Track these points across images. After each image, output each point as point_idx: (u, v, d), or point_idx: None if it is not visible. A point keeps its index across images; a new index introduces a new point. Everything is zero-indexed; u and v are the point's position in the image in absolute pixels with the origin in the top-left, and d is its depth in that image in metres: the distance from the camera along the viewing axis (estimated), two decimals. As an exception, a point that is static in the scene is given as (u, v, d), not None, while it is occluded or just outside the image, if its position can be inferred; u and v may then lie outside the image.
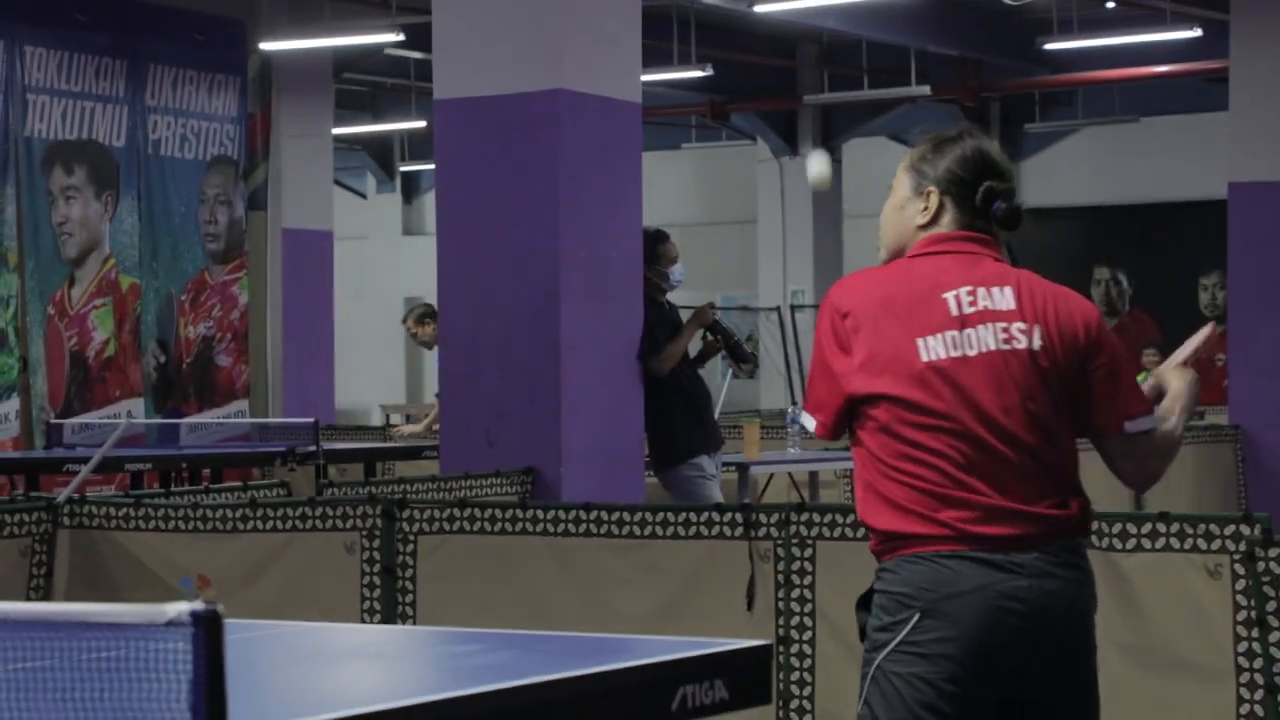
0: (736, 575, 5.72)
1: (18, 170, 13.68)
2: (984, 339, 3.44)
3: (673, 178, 22.72)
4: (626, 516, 5.93)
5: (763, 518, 5.74)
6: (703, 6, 16.21)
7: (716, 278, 22.51)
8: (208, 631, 2.05)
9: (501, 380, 7.59)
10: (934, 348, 3.42)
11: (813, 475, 10.13)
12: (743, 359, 8.57)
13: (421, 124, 19.89)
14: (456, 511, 6.11)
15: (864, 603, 3.58)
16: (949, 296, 3.47)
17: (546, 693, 2.52)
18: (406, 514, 6.14)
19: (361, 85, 20.57)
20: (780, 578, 5.68)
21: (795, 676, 5.64)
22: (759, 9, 14.66)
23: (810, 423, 3.59)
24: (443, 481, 7.25)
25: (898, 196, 3.63)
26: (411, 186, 25.45)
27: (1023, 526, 3.38)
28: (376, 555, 6.13)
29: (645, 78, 8.42)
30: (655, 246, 8.18)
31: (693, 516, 5.86)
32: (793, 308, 20.72)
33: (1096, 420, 3.52)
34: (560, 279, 7.53)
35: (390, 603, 6.09)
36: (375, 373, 24.18)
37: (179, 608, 2.06)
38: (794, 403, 18.44)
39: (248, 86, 15.38)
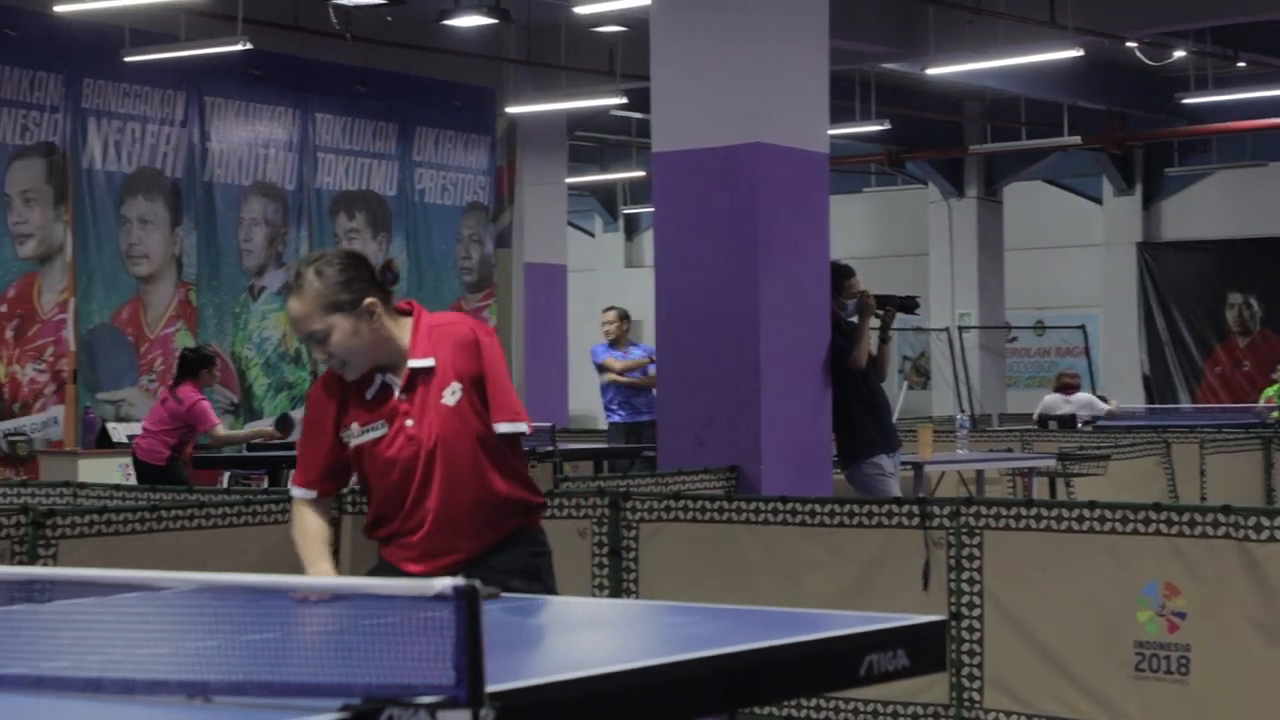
0: (913, 559, 5.65)
1: (309, 216, 14.04)
2: None
3: (855, 217, 22.56)
4: (817, 508, 5.89)
5: (936, 510, 5.66)
6: (882, 70, 16.08)
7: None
8: (467, 603, 2.07)
9: (709, 391, 7.59)
10: None
11: (979, 473, 9.95)
12: (913, 307, 8.45)
13: (641, 173, 19.99)
14: (672, 502, 6.12)
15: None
16: None
17: (753, 658, 2.51)
18: (630, 505, 6.16)
19: (591, 141, 20.75)
20: (952, 562, 5.59)
21: (966, 648, 5.55)
22: (931, 72, 14.50)
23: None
24: (660, 477, 7.26)
25: (346, 330, 3.44)
26: (632, 226, 25.58)
27: None
28: (605, 540, 6.16)
29: (832, 131, 8.36)
30: (843, 279, 8.10)
31: (875, 508, 5.80)
32: (960, 329, 20.45)
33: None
34: (759, 304, 7.51)
35: (617, 580, 6.11)
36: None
37: (444, 583, 2.09)
38: (962, 410, 18.18)
39: (496, 143, 15.59)
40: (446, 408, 3.46)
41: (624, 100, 14.31)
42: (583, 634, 3.10)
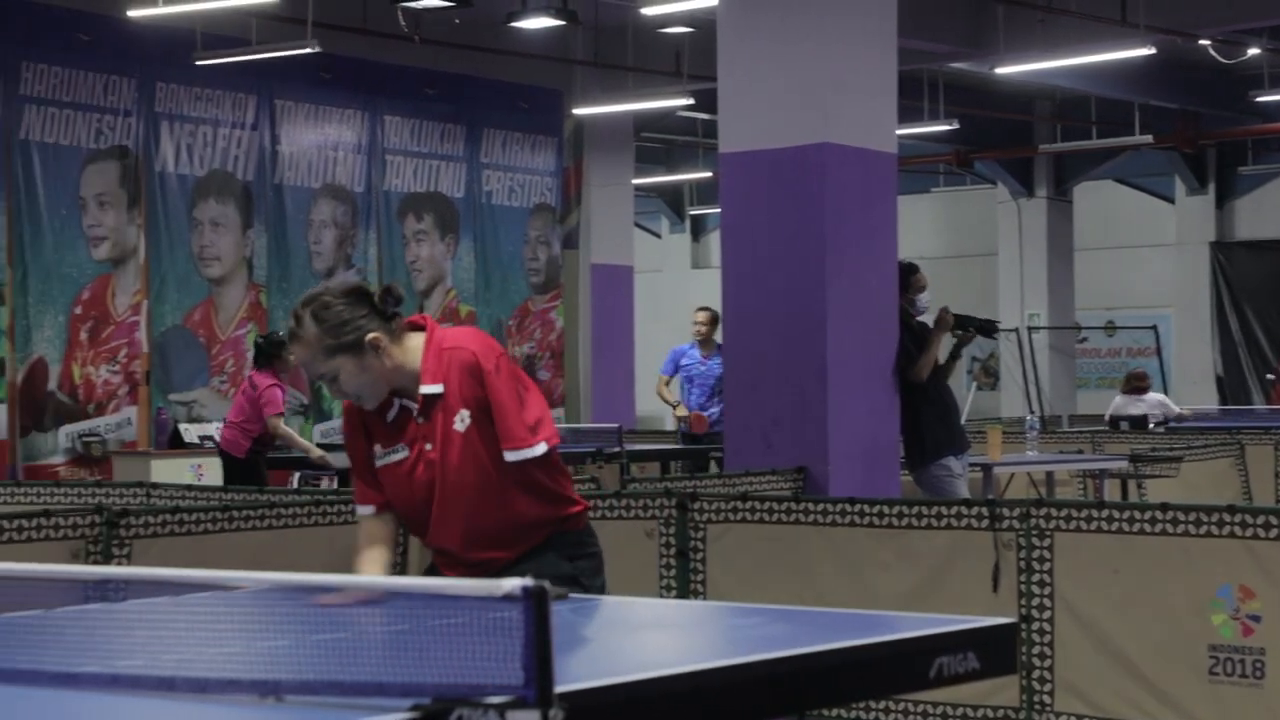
0: (982, 561, 5.61)
1: (378, 218, 14.13)
2: None
3: (923, 217, 22.43)
4: (885, 509, 5.86)
5: (1006, 511, 5.62)
6: (950, 70, 15.98)
7: (961, 304, 22.09)
8: (536, 603, 2.07)
9: (777, 391, 7.57)
10: None
11: (1049, 475, 9.88)
12: (993, 331, 8.37)
13: (708, 174, 19.97)
14: (739, 503, 6.11)
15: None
16: None
17: (822, 660, 2.50)
18: (697, 505, 6.15)
19: (657, 142, 20.75)
20: (1022, 564, 5.55)
21: (1036, 650, 5.51)
22: (1000, 71, 14.40)
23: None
24: (727, 478, 7.24)
25: (352, 368, 3.43)
26: (699, 227, 25.56)
27: None
28: (672, 540, 6.16)
29: (900, 131, 8.32)
30: (908, 277, 8.06)
31: (944, 510, 5.76)
32: (1029, 329, 20.30)
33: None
34: (826, 304, 7.48)
35: (684, 581, 6.11)
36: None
37: (513, 583, 2.09)
38: (1031, 411, 18.04)
39: (563, 145, 15.63)
40: (458, 434, 3.45)
41: (691, 101, 14.31)
42: (650, 635, 3.10)
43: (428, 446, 3.47)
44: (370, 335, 3.43)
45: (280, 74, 13.07)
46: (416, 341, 3.50)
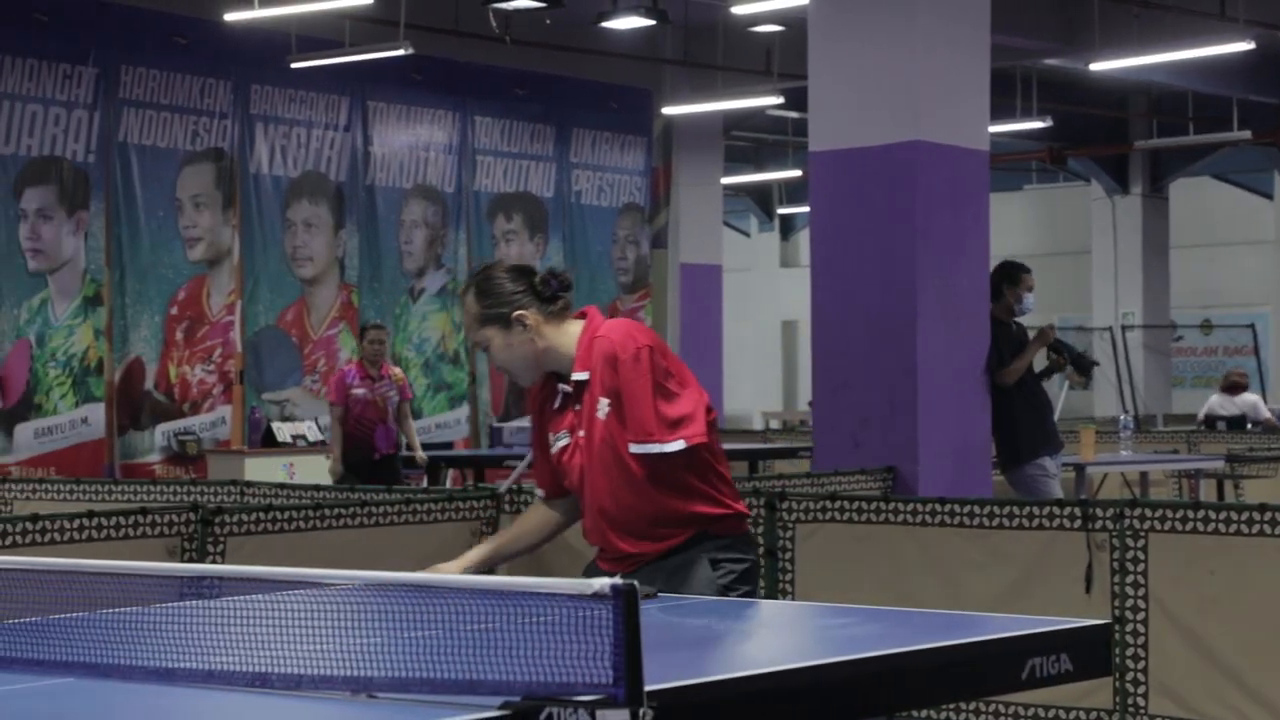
0: (1075, 562, 5.55)
1: (468, 218, 14.22)
2: None
3: (1015, 215, 22.23)
4: (977, 509, 5.81)
5: (1099, 512, 5.56)
6: (1043, 66, 15.82)
7: (1054, 302, 21.88)
8: (626, 602, 2.08)
9: (866, 391, 7.53)
10: None
11: (1143, 475, 9.75)
12: (1086, 370, 8.29)
13: (797, 173, 19.91)
14: (828, 503, 6.09)
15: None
16: None
17: (913, 660, 2.48)
18: (786, 505, 6.14)
19: (746, 141, 20.72)
20: (1115, 565, 5.49)
21: (1130, 652, 5.44)
22: (1095, 67, 14.23)
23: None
24: (815, 477, 7.22)
25: (500, 344, 3.55)
26: (788, 226, 25.50)
27: None
28: (760, 540, 6.14)
29: (992, 129, 8.26)
30: (1017, 275, 7.97)
31: (1035, 510, 5.71)
32: (1123, 328, 20.06)
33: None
34: (917, 304, 7.44)
35: (772, 581, 6.10)
36: (756, 384, 24.29)
37: (603, 582, 2.10)
38: (1125, 410, 17.82)
39: (653, 145, 15.64)
40: (600, 422, 3.50)
41: (781, 100, 14.27)
42: (740, 635, 3.09)
43: (580, 433, 3.55)
44: (519, 312, 3.55)
45: (372, 76, 13.19)
46: (575, 328, 3.58)
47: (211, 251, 12.48)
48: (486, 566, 3.67)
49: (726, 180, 17.85)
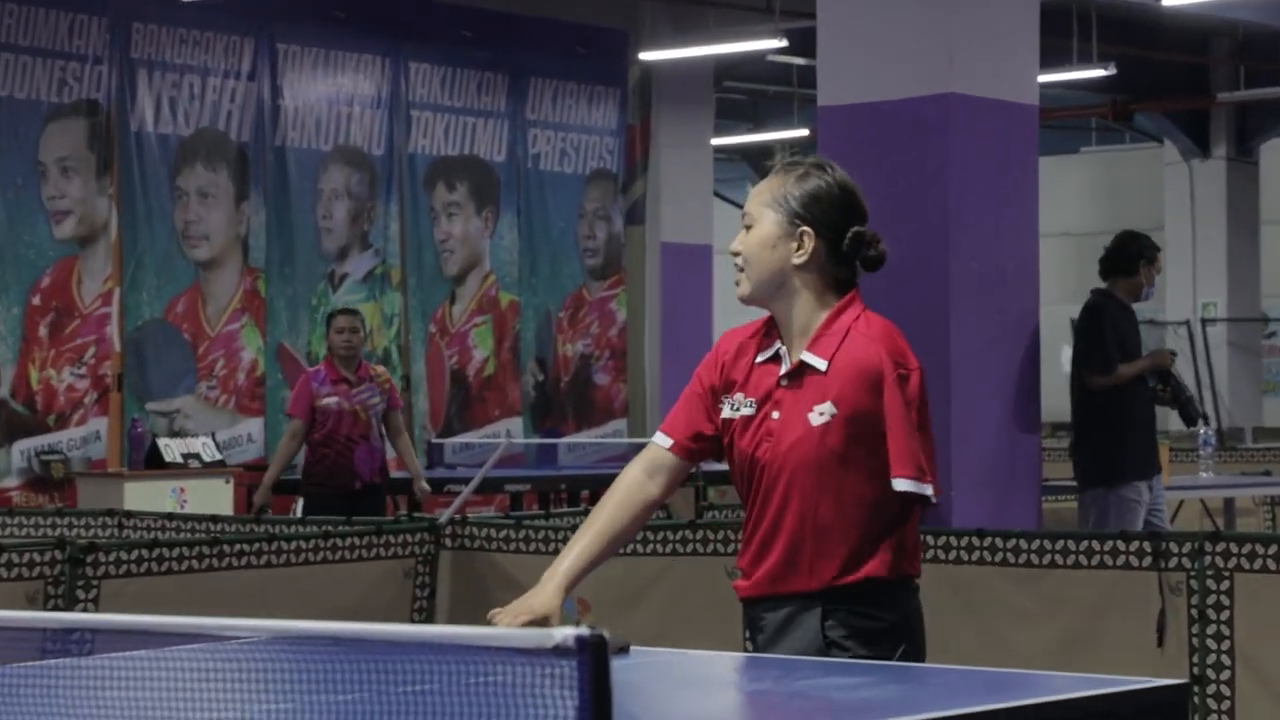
0: (1145, 609, 5.58)
1: (401, 187, 14.21)
2: None
3: (1071, 184, 22.29)
4: (1023, 544, 5.83)
5: (1174, 547, 5.59)
6: (1105, 1, 15.88)
7: (1119, 290, 21.98)
8: (593, 657, 2.08)
9: (890, 399, 7.54)
10: None
11: (1228, 502, 9.81)
12: (1192, 419, 8.33)
13: (804, 132, 19.94)
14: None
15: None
16: None
17: (944, 730, 2.49)
18: (791, 539, 6.15)
19: (742, 93, 20.74)
20: (1194, 612, 5.51)
21: (1212, 717, 5.47)
22: (1167, 2, 14.30)
23: None
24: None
25: (765, 234, 3.66)
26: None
27: None
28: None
29: (1042, 78, 8.28)
30: (1152, 253, 8.00)
31: (1096, 545, 5.74)
32: (1204, 321, 20.13)
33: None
34: (950, 293, 7.46)
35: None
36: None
37: (565, 632, 2.10)
38: (1206, 423, 17.91)
39: (627, 98, 15.66)
40: (810, 425, 3.54)
41: (784, 43, 14.29)
42: (730, 694, 3.10)
43: (775, 414, 3.58)
44: (808, 230, 3.63)
45: (283, 12, 13.18)
46: (832, 302, 3.64)
47: (83, 228, 12.45)
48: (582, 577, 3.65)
49: (718, 141, 17.87)
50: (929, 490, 3.51)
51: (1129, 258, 7.88)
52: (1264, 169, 20.80)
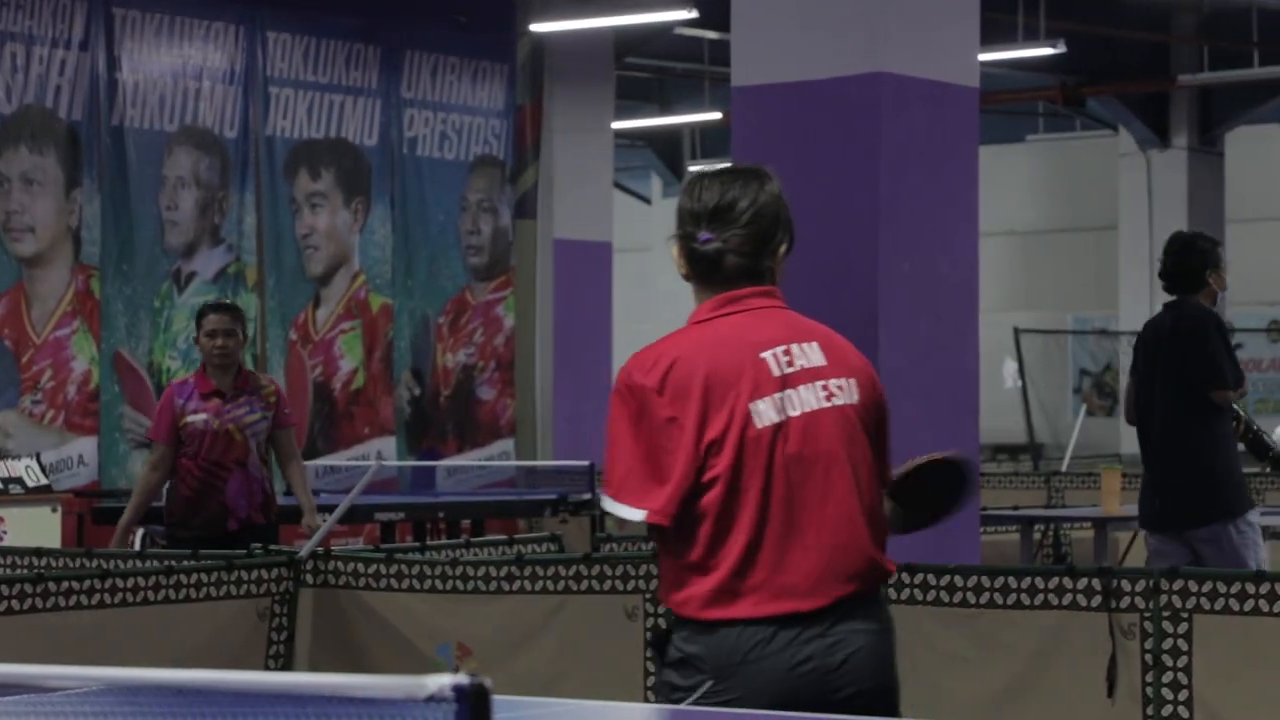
0: (1094, 653, 5.63)
1: (258, 174, 14.14)
2: (805, 399, 4.00)
3: (1015, 176, 22.48)
4: (959, 581, 5.88)
5: (1126, 585, 5.64)
6: (1053, -29, 16.04)
7: (1068, 294, 22.18)
8: (473, 708, 2.09)
9: (811, 418, 7.58)
10: (765, 412, 3.91)
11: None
12: (1262, 455, 8.34)
13: (716, 115, 20.02)
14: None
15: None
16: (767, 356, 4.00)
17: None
18: (699, 575, 6.16)
19: (646, 71, 20.80)
20: (1148, 658, 5.57)
21: (1166, 778, 5.54)
22: (1121, -27, 14.47)
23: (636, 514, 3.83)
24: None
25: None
26: (705, 189, 25.61)
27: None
28: (662, 623, 6.17)
29: (983, 57, 8.36)
30: (1217, 252, 7.99)
31: (1040, 582, 5.79)
32: (1162, 331, 20.31)
33: (887, 474, 4.20)
34: (879, 297, 7.51)
35: (679, 679, 6.13)
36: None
37: (440, 680, 2.10)
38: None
39: (516, 75, 15.66)
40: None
41: (693, 15, 14.36)
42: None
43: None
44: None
45: (121, -27, 13.08)
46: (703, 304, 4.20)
47: (-109, 218, 12.32)
48: None
49: (619, 125, 17.90)
50: (629, 515, 3.83)
51: (1191, 272, 7.87)
52: (1230, 161, 21.00)
